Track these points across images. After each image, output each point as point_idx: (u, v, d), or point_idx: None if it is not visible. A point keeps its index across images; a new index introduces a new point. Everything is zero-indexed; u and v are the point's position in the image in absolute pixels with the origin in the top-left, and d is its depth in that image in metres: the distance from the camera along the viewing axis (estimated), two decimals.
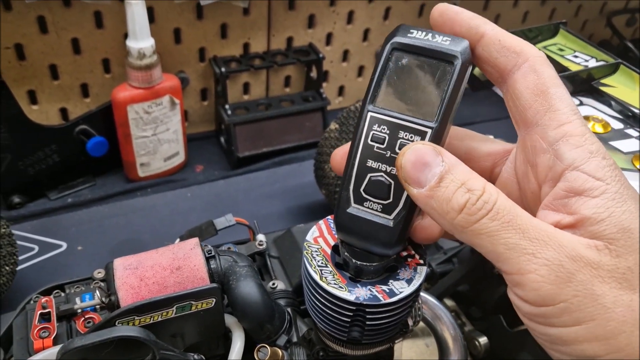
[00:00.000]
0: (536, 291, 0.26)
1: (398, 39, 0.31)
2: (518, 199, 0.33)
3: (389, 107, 0.32)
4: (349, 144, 0.34)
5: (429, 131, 0.31)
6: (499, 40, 0.30)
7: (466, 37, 0.31)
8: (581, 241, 0.27)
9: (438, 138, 0.31)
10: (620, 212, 0.27)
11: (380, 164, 0.32)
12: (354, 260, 0.35)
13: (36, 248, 0.66)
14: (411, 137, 0.31)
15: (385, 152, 0.32)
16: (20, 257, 0.64)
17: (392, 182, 0.32)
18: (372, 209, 0.33)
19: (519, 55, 0.30)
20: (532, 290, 0.27)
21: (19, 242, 0.66)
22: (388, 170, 0.32)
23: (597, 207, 0.27)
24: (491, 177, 0.35)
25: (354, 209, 0.33)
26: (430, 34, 0.31)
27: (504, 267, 0.28)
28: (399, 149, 0.31)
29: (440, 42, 0.31)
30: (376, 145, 0.32)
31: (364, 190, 0.33)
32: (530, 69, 0.29)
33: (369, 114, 0.32)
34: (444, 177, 0.29)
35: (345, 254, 0.36)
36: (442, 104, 0.31)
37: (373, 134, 0.32)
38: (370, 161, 0.32)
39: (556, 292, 0.26)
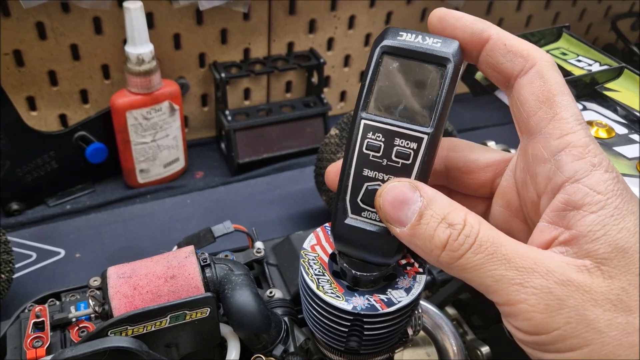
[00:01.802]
0: (528, 321, 0.26)
1: (387, 42, 0.30)
2: (518, 208, 0.32)
3: (382, 114, 0.31)
4: (342, 161, 0.33)
5: (425, 137, 0.30)
6: (504, 44, 0.29)
7: (470, 42, 0.30)
8: (571, 264, 0.26)
9: (434, 143, 0.30)
10: (617, 231, 0.26)
11: (377, 173, 0.31)
12: (353, 272, 0.35)
13: (34, 255, 0.65)
14: (407, 143, 0.30)
15: (381, 161, 0.31)
16: (18, 265, 0.64)
17: None
18: (370, 218, 0.32)
19: (526, 59, 0.29)
20: (524, 320, 0.26)
21: (16, 250, 0.65)
22: (385, 179, 0.31)
23: (594, 224, 0.26)
24: (492, 188, 0.34)
25: (352, 219, 0.32)
26: (420, 36, 0.30)
27: (494, 299, 0.27)
28: (396, 156, 0.31)
29: (431, 44, 0.30)
30: (372, 153, 0.31)
31: (361, 200, 0.32)
32: (537, 75, 0.28)
33: (363, 121, 0.31)
34: (423, 213, 0.28)
35: (344, 265, 0.35)
36: (437, 108, 0.30)
37: (368, 142, 0.31)
38: (367, 170, 0.31)
39: (548, 321, 0.25)
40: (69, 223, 0.70)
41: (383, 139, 0.31)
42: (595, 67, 0.58)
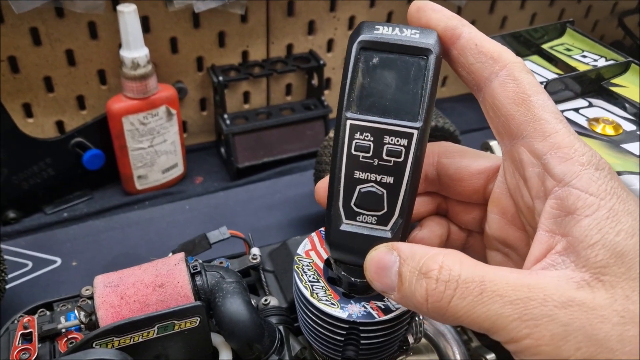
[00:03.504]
0: (537, 355, 0.24)
1: (364, 37, 0.29)
2: (514, 214, 0.31)
3: (368, 112, 0.29)
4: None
5: (416, 132, 0.29)
6: (475, 44, 0.28)
7: (442, 37, 0.29)
8: (570, 281, 0.24)
9: (424, 137, 0.29)
10: (614, 233, 0.24)
11: (368, 174, 0.30)
12: (352, 279, 0.33)
13: (30, 264, 0.64)
14: (398, 140, 0.29)
15: (372, 161, 0.30)
16: (14, 274, 0.63)
17: (385, 191, 0.30)
18: (366, 222, 0.31)
19: (496, 61, 0.28)
20: (532, 355, 0.24)
21: (12, 259, 0.64)
22: (378, 180, 0.30)
23: (589, 228, 0.24)
24: (484, 195, 0.32)
25: (347, 225, 0.31)
26: (397, 28, 0.29)
27: (497, 339, 0.25)
28: (387, 155, 0.29)
29: (410, 35, 0.29)
30: (361, 154, 0.30)
31: (355, 204, 0.30)
32: (509, 77, 0.27)
33: (349, 122, 0.29)
34: (401, 272, 0.27)
35: (342, 273, 0.33)
36: (424, 101, 0.29)
37: (356, 143, 0.30)
38: (358, 172, 0.30)
39: (558, 351, 0.23)
40: (66, 231, 0.69)
41: (372, 138, 0.29)
42: (601, 63, 0.56)
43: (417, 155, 0.29)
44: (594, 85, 0.54)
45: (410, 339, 0.41)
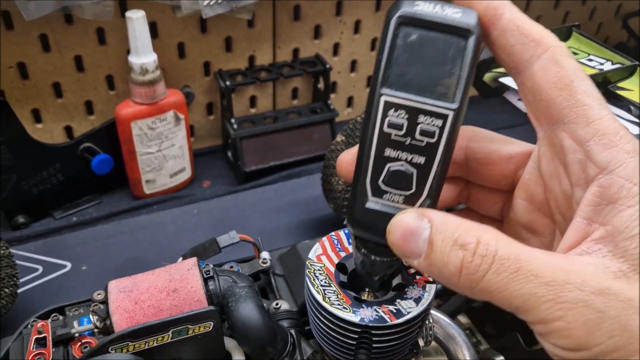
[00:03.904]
0: (567, 339, 0.24)
1: (404, 11, 0.28)
2: (542, 201, 0.31)
3: (403, 90, 0.28)
4: (355, 148, 0.31)
5: (451, 113, 0.28)
6: (517, 25, 0.27)
7: (483, 16, 0.28)
8: (607, 270, 0.24)
9: (459, 120, 0.28)
10: None
11: (400, 153, 0.29)
12: (373, 257, 0.32)
13: (40, 269, 0.65)
14: (432, 120, 0.28)
15: (404, 140, 0.29)
16: (24, 278, 0.63)
17: (415, 171, 0.29)
18: (393, 200, 0.30)
19: (538, 44, 0.27)
20: (562, 338, 0.24)
21: (23, 263, 0.65)
22: (409, 159, 0.29)
23: (631, 219, 0.24)
24: (513, 181, 0.32)
25: (373, 202, 0.30)
26: (438, 5, 0.28)
27: (526, 318, 0.25)
28: (420, 134, 0.29)
29: (452, 14, 0.28)
30: (394, 132, 0.29)
31: (383, 182, 0.30)
32: (551, 60, 0.27)
33: (383, 98, 0.29)
34: (433, 239, 0.27)
35: (362, 251, 0.33)
36: (461, 83, 0.28)
37: (389, 120, 0.29)
38: (389, 150, 0.29)
39: (589, 337, 0.23)
40: (75, 235, 0.69)
41: (406, 116, 0.29)
42: (607, 66, 0.56)
43: (450, 137, 0.29)
44: (600, 89, 0.54)
45: (421, 342, 0.41)
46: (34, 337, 0.41)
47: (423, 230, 0.27)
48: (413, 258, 0.27)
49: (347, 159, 0.33)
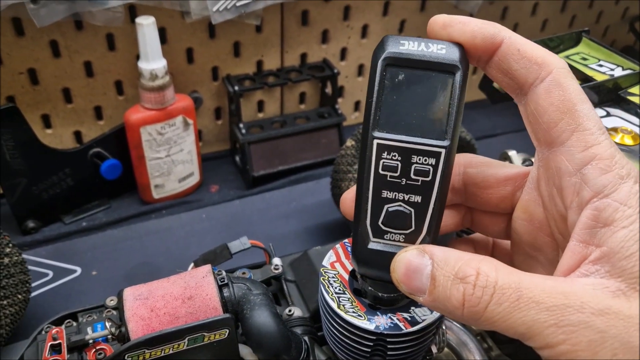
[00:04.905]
0: None
1: (390, 52, 0.29)
2: (543, 221, 0.31)
3: (395, 131, 0.29)
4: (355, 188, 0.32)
5: (443, 151, 0.29)
6: (517, 49, 0.28)
7: (480, 48, 0.28)
8: (606, 290, 0.25)
9: (452, 155, 0.29)
10: None
11: (396, 194, 0.30)
12: (380, 294, 0.34)
13: (50, 274, 0.65)
14: (425, 160, 0.29)
15: (400, 180, 0.30)
16: (35, 283, 0.63)
17: (413, 210, 0.30)
18: (394, 240, 0.31)
19: (541, 66, 0.27)
20: None
21: (33, 268, 0.65)
22: (406, 199, 0.30)
23: (626, 239, 0.25)
24: (512, 203, 0.33)
25: (374, 243, 0.31)
26: (422, 43, 0.29)
27: (532, 344, 0.26)
28: (415, 174, 0.30)
29: (436, 51, 0.28)
30: (389, 174, 0.30)
31: (382, 223, 0.31)
32: (555, 83, 0.27)
33: (375, 141, 0.29)
34: (435, 275, 0.27)
35: (369, 288, 0.34)
36: (451, 119, 0.29)
37: (384, 162, 0.30)
38: (385, 192, 0.30)
39: (594, 358, 0.24)
40: (85, 240, 0.70)
41: (399, 158, 0.29)
42: (618, 72, 0.56)
43: (444, 173, 0.29)
44: (611, 95, 0.54)
45: (434, 349, 0.42)
46: (49, 344, 0.42)
47: (425, 267, 0.28)
48: (418, 295, 0.28)
49: (349, 198, 0.33)
